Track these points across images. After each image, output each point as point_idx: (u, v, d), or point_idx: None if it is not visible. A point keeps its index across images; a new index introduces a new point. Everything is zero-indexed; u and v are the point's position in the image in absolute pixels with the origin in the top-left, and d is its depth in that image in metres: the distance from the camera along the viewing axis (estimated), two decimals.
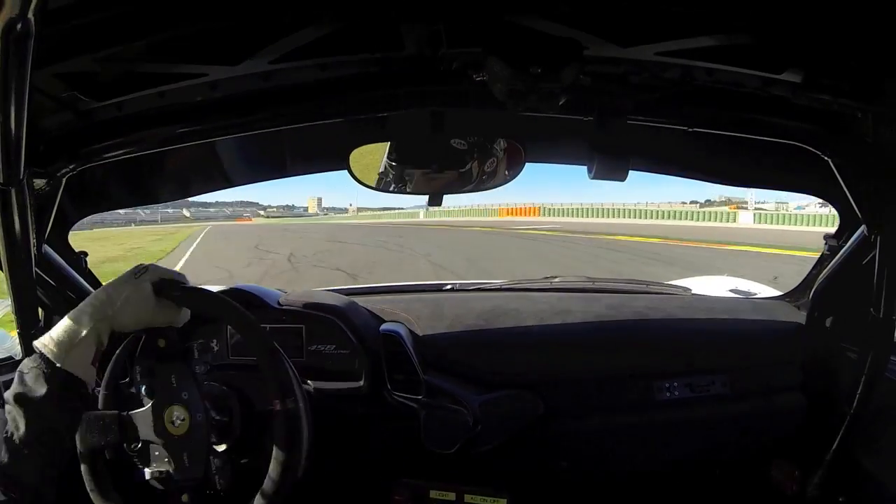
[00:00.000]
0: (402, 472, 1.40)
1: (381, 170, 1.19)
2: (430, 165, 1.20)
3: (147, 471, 0.91)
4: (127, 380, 0.96)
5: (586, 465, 1.47)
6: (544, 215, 39.10)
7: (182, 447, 0.91)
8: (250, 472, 0.95)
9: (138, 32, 0.79)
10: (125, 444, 0.91)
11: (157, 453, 0.91)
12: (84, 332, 0.83)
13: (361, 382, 1.30)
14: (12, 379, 1.12)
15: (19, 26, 0.61)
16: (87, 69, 0.85)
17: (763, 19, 0.77)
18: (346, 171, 1.17)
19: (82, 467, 0.92)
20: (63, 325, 0.84)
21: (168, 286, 0.90)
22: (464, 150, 1.18)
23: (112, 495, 0.93)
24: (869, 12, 0.73)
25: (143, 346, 0.93)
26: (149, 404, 0.90)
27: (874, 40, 0.75)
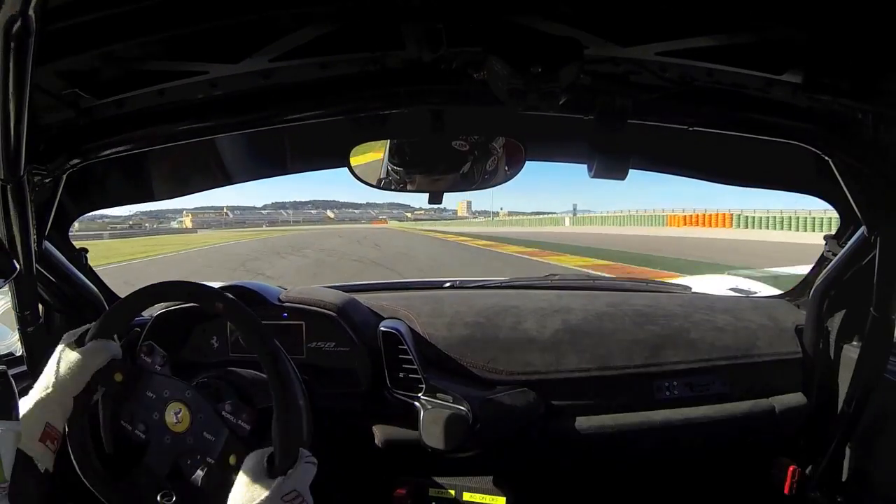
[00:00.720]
0: (401, 470, 1.40)
1: (381, 168, 1.19)
2: (430, 164, 1.20)
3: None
4: (129, 425, 0.97)
5: (586, 463, 1.47)
6: (740, 226, 28.58)
7: (184, 441, 0.93)
8: None
9: (139, 30, 0.79)
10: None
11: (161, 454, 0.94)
12: (26, 409, 0.89)
13: (361, 380, 1.30)
14: (11, 375, 1.13)
15: (20, 23, 0.61)
16: (88, 66, 0.85)
17: (763, 20, 0.77)
18: None
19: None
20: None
21: (83, 334, 0.95)
22: (464, 149, 1.18)
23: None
24: (869, 13, 0.72)
25: (105, 393, 0.96)
26: (148, 432, 0.95)
27: (874, 40, 0.75)
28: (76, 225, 1.43)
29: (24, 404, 0.90)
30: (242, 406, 0.95)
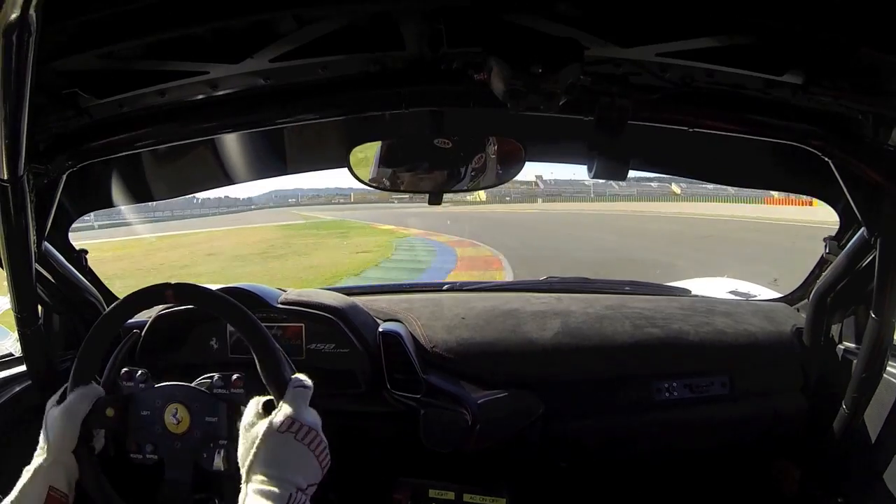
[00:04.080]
0: (401, 471, 1.40)
1: (376, 168, 1.19)
2: (423, 166, 1.20)
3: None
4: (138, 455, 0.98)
5: (585, 465, 1.47)
6: None
7: (193, 438, 0.94)
8: None
9: (139, 30, 0.79)
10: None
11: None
12: (23, 480, 0.89)
13: (361, 381, 1.30)
14: (10, 376, 1.13)
15: (21, 23, 0.61)
16: (88, 66, 0.85)
17: (764, 20, 0.77)
18: None
19: None
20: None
21: (63, 391, 0.95)
22: (446, 147, 1.18)
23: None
24: (870, 13, 0.73)
25: (105, 433, 0.96)
26: (158, 449, 0.95)
27: (875, 41, 0.75)
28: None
29: (24, 476, 0.89)
30: (229, 375, 0.95)
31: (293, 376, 0.88)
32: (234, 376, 0.95)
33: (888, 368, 1.22)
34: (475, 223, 21.85)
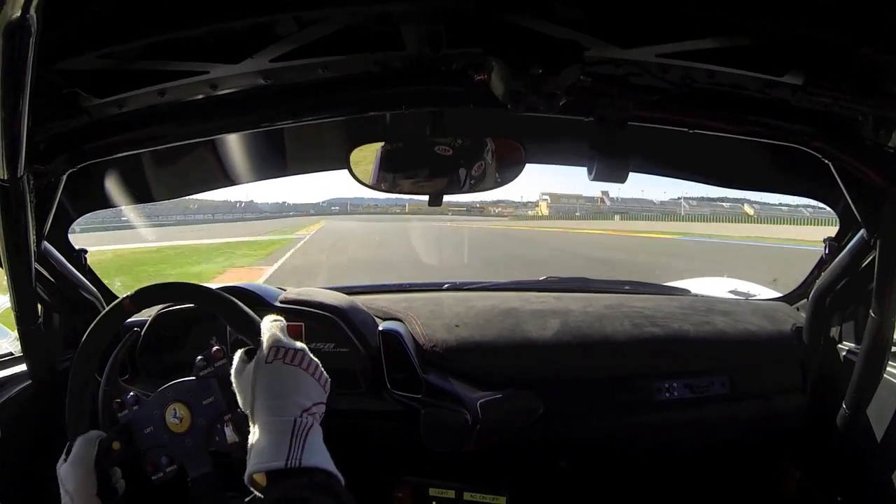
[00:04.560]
0: (402, 471, 1.40)
1: (377, 171, 1.19)
2: (423, 171, 1.20)
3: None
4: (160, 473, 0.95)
5: (585, 464, 1.47)
6: None
7: (199, 430, 0.93)
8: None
9: (139, 30, 0.79)
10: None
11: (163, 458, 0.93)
12: None
13: (361, 381, 1.30)
14: (10, 375, 1.13)
15: (21, 23, 0.61)
16: (89, 66, 0.85)
17: (764, 21, 0.77)
18: None
19: None
20: None
21: (68, 448, 0.93)
22: (463, 151, 1.18)
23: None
24: (870, 14, 0.73)
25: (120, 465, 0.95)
26: (174, 458, 0.93)
27: (875, 42, 0.75)
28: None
29: None
30: (209, 353, 0.94)
31: (264, 318, 0.88)
32: (214, 349, 0.94)
33: (888, 368, 1.22)
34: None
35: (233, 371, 0.84)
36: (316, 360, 0.84)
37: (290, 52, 0.87)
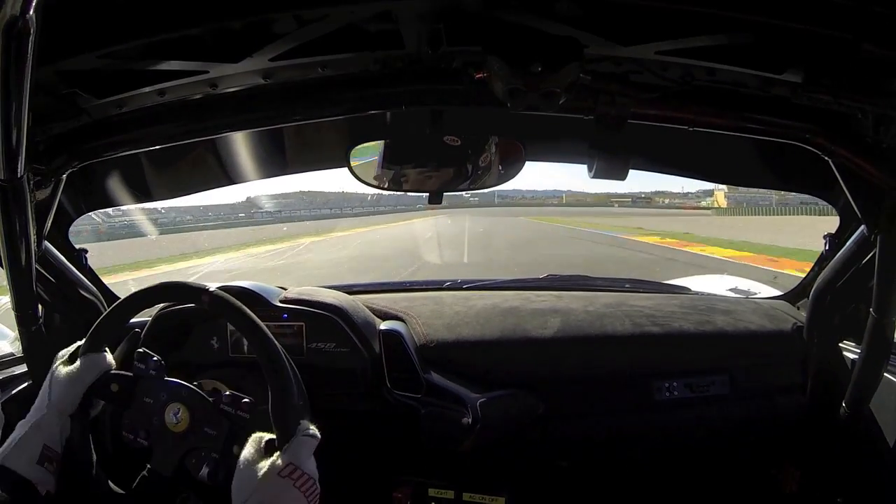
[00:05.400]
0: (401, 470, 1.40)
1: (380, 168, 1.19)
2: (429, 164, 1.20)
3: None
4: (130, 434, 0.99)
5: (585, 464, 1.47)
6: None
7: (186, 440, 0.94)
8: None
9: (139, 30, 0.79)
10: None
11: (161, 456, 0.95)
12: (21, 433, 0.91)
13: (361, 380, 1.30)
14: (11, 376, 1.14)
15: (20, 24, 0.61)
16: (88, 66, 0.85)
17: (764, 19, 0.77)
18: None
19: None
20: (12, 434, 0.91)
21: (75, 351, 0.97)
22: (463, 149, 1.18)
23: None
24: (869, 11, 0.72)
25: (104, 405, 0.99)
26: (150, 438, 0.96)
27: (875, 40, 0.75)
28: None
29: (20, 428, 0.91)
30: (240, 396, 0.96)
31: (302, 422, 0.89)
32: (244, 399, 0.96)
33: (889, 367, 1.22)
34: None
35: (245, 455, 0.86)
36: (319, 489, 0.86)
37: (290, 50, 0.87)
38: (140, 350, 1.01)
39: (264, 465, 0.83)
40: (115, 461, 1.01)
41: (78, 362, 0.96)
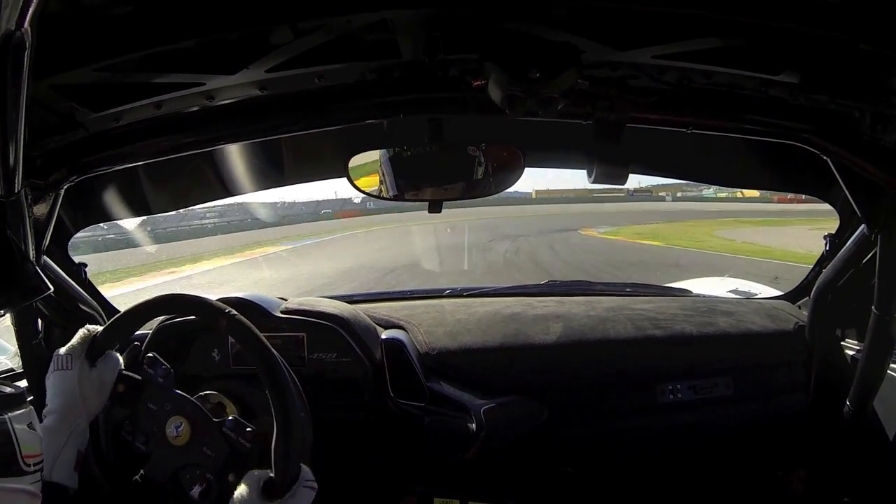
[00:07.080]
0: (406, 480, 1.39)
1: (379, 177, 1.19)
2: (428, 173, 1.20)
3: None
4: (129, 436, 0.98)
5: (591, 470, 1.46)
6: None
7: (184, 455, 0.93)
8: None
9: (135, 43, 0.79)
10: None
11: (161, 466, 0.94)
12: (61, 445, 0.89)
13: (364, 390, 1.29)
14: (10, 391, 1.12)
15: (16, 38, 0.61)
16: (85, 80, 0.85)
17: (759, 21, 0.77)
18: None
19: None
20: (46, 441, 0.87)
21: (92, 350, 0.96)
22: (462, 158, 1.18)
23: None
24: (866, 11, 0.73)
25: (108, 404, 0.97)
26: (148, 444, 0.96)
27: (871, 39, 0.75)
28: None
29: (51, 437, 0.88)
30: (244, 423, 0.95)
31: (304, 469, 0.88)
32: (248, 429, 0.94)
33: (892, 364, 1.22)
34: None
35: (241, 493, 0.85)
36: None
37: (286, 61, 0.87)
38: (151, 355, 1.00)
39: None
40: (112, 461, 1.01)
41: (102, 360, 0.96)
